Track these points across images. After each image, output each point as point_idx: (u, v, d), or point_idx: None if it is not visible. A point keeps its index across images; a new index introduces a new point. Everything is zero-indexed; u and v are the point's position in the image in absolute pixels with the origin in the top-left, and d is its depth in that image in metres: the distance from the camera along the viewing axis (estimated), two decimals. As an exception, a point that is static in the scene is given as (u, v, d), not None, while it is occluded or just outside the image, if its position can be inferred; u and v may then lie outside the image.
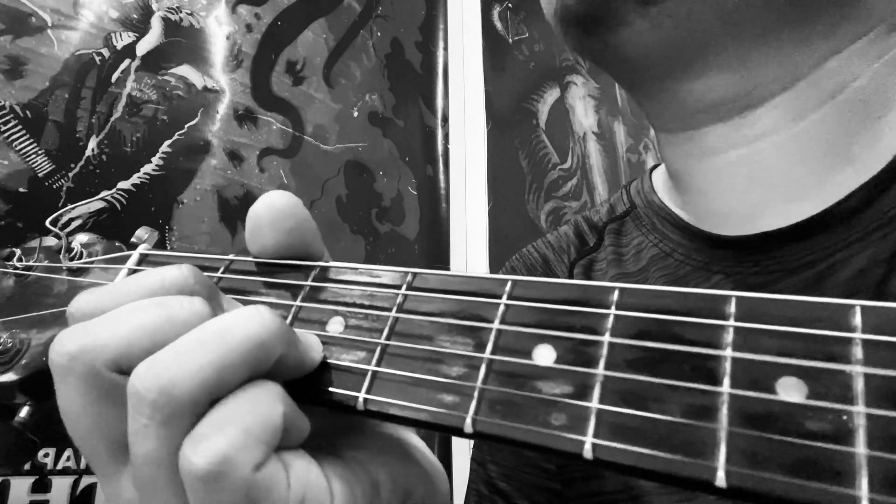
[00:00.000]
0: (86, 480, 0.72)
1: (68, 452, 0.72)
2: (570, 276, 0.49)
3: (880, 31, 0.35)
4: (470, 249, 1.30)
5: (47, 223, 0.36)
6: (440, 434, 1.15)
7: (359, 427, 0.28)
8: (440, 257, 1.30)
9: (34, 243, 0.36)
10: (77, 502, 0.71)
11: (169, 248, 0.88)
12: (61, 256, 0.34)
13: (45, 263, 0.35)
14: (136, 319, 0.23)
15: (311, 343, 0.24)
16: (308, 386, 0.23)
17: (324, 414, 0.28)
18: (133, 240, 0.35)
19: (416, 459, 0.29)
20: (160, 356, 0.21)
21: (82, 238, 0.36)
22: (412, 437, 0.30)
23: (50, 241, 0.36)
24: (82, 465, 0.73)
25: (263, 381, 0.22)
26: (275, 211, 0.28)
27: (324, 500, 0.22)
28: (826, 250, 0.35)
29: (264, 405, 0.21)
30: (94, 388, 0.23)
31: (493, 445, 0.49)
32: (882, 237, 0.33)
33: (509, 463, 0.48)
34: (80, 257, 0.35)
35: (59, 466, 0.71)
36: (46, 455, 0.71)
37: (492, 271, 1.31)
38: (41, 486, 0.70)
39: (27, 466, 0.70)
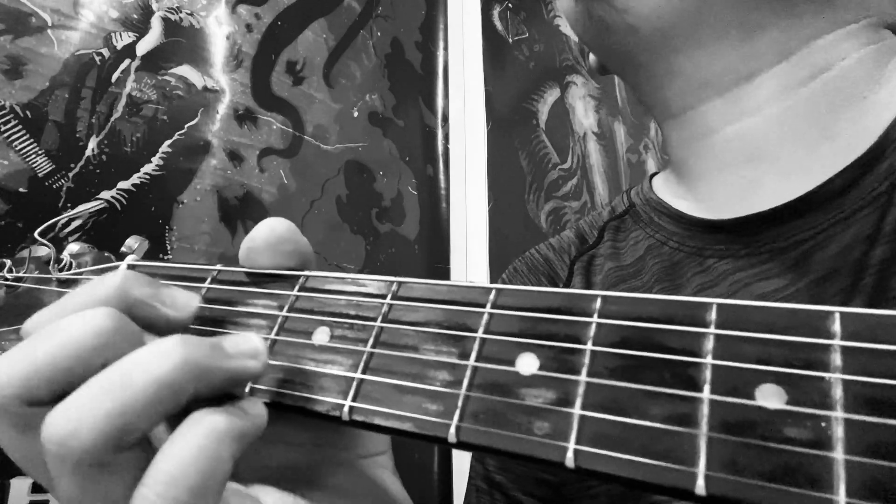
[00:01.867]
0: (85, 479, 0.73)
1: (68, 451, 0.73)
2: (571, 274, 0.50)
3: (869, 23, 0.37)
4: (470, 249, 1.31)
5: (36, 234, 0.36)
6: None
7: (328, 463, 0.28)
8: (440, 257, 1.30)
9: (24, 254, 0.36)
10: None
11: (169, 248, 0.88)
12: (50, 268, 0.34)
13: (36, 274, 0.35)
14: (34, 351, 0.22)
15: (249, 350, 0.23)
16: (293, 397, 0.23)
17: (306, 449, 0.28)
18: (123, 249, 0.35)
19: (383, 500, 0.29)
20: (63, 405, 0.20)
21: (73, 248, 0.36)
22: (385, 477, 0.30)
23: (40, 250, 0.36)
24: (82, 465, 0.73)
25: (209, 418, 0.21)
26: (276, 234, 0.28)
27: None
28: (813, 229, 0.36)
29: (211, 456, 0.20)
30: (10, 423, 0.22)
31: None
32: (865, 216, 0.35)
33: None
34: (70, 268, 0.35)
35: (59, 465, 0.72)
36: (46, 454, 0.71)
37: (492, 271, 1.32)
38: (41, 486, 0.71)
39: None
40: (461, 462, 1.15)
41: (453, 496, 1.14)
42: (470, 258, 1.30)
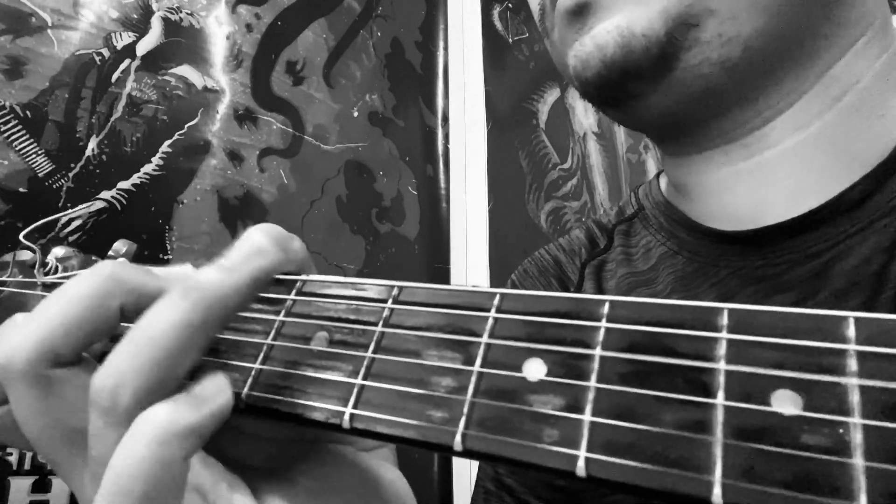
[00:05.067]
0: (85, 480, 0.72)
1: (68, 452, 0.72)
2: (582, 278, 0.50)
3: (876, 29, 0.36)
4: (470, 249, 1.30)
5: (21, 237, 0.35)
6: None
7: (321, 456, 0.27)
8: (440, 257, 1.30)
9: (7, 257, 0.35)
10: (77, 502, 0.71)
11: (169, 248, 0.88)
12: (35, 271, 0.33)
13: (20, 278, 0.34)
14: (47, 312, 0.23)
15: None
16: (291, 404, 0.23)
17: (286, 441, 0.28)
18: (111, 253, 0.34)
19: (382, 495, 0.28)
20: (109, 360, 0.22)
21: (58, 251, 0.35)
22: (386, 471, 0.29)
23: (24, 254, 0.35)
24: (82, 466, 0.73)
25: (150, 414, 0.21)
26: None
27: None
28: (830, 241, 0.35)
29: (155, 463, 0.20)
30: (35, 386, 0.23)
31: None
32: (884, 226, 0.34)
33: None
34: (56, 271, 0.34)
35: (59, 466, 0.71)
36: (46, 455, 0.71)
37: (492, 271, 1.32)
38: (41, 486, 0.71)
39: (27, 466, 0.70)
40: (461, 463, 1.15)
41: (453, 496, 1.14)
42: (470, 258, 1.30)
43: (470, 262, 1.29)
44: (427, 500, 1.12)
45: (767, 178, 0.38)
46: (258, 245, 0.25)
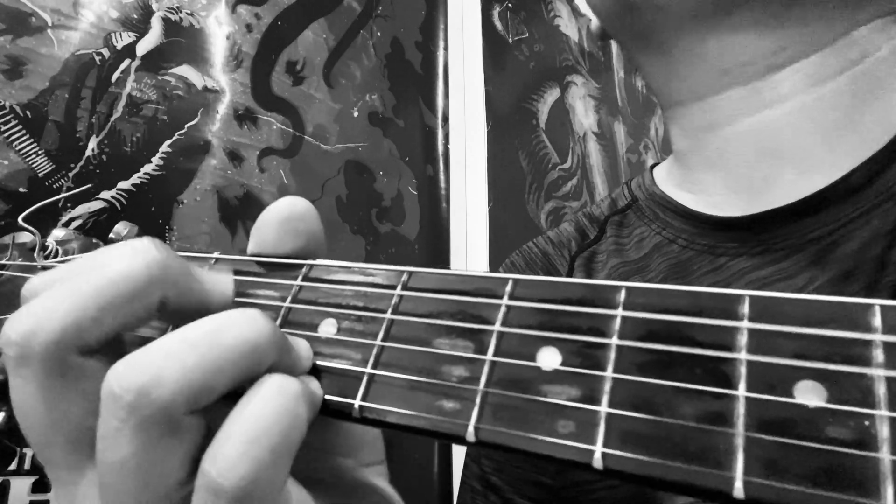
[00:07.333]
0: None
1: (68, 454, 0.72)
2: (571, 270, 0.49)
3: None
4: (470, 249, 1.30)
5: (20, 220, 0.33)
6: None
7: (344, 472, 0.27)
8: (440, 257, 1.29)
9: (7, 239, 0.34)
10: None
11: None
12: (35, 255, 0.32)
13: (20, 262, 0.33)
14: (86, 285, 0.20)
15: (301, 351, 0.22)
16: None
17: (320, 453, 0.27)
18: (112, 235, 0.32)
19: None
20: (140, 354, 0.19)
21: (58, 234, 0.33)
22: (385, 487, 0.29)
23: (24, 237, 0.33)
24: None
25: (285, 378, 0.20)
26: (296, 211, 0.26)
27: None
28: (830, 226, 0.35)
29: (290, 414, 0.19)
30: (51, 374, 0.20)
31: None
32: (884, 212, 0.33)
33: (501, 457, 0.47)
34: (56, 255, 0.32)
35: (60, 468, 0.71)
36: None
37: (492, 271, 1.31)
38: (41, 486, 0.70)
39: (27, 466, 0.70)
40: (461, 462, 1.15)
41: (453, 496, 1.14)
42: (470, 258, 1.30)
43: (470, 263, 1.29)
44: (427, 499, 1.12)
45: (773, 144, 0.37)
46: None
